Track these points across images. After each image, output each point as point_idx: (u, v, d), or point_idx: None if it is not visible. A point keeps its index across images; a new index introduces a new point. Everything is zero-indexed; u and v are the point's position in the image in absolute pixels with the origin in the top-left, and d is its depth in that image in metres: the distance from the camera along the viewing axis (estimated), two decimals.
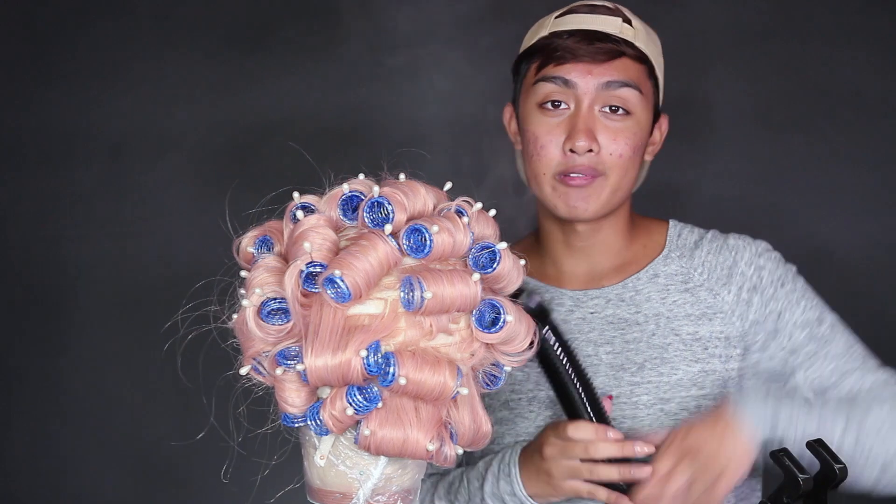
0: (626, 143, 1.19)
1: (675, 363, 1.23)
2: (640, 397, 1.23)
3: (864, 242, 2.08)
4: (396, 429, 0.79)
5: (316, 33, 2.18)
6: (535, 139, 1.21)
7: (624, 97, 1.19)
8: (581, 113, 1.19)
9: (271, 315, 0.79)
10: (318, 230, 0.81)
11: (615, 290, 1.28)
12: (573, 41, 1.19)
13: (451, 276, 0.80)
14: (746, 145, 2.12)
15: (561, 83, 1.19)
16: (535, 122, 1.21)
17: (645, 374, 1.23)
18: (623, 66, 1.19)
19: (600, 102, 1.19)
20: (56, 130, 2.19)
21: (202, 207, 2.12)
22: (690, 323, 1.24)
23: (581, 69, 1.18)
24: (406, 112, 2.17)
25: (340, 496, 0.84)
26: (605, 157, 1.19)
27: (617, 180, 1.21)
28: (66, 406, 2.19)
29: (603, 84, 1.18)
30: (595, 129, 1.18)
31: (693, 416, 1.21)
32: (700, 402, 1.22)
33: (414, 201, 0.83)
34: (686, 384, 1.22)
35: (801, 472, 0.90)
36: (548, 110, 1.20)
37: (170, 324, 0.89)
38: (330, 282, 0.78)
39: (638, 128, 1.21)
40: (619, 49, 1.19)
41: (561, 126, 1.20)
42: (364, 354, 0.77)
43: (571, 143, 1.18)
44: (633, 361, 1.24)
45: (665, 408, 1.22)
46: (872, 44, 2.08)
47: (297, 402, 0.81)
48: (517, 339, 0.84)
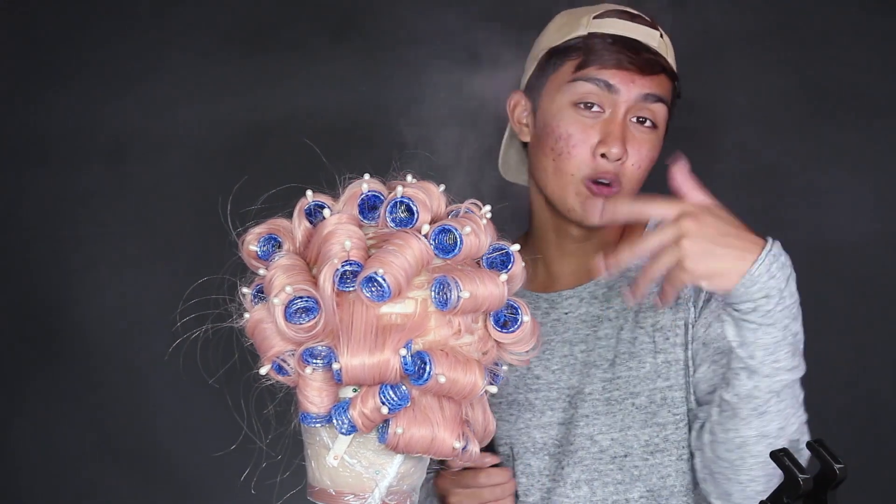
0: (648, 155, 1.22)
1: (642, 356, 1.23)
2: (611, 393, 1.24)
3: (864, 242, 2.08)
4: (425, 427, 0.80)
5: (316, 33, 2.18)
6: (569, 137, 1.20)
7: (655, 111, 1.21)
8: (617, 120, 1.19)
9: (296, 314, 0.79)
10: (347, 229, 0.81)
11: (588, 289, 1.29)
12: (618, 47, 1.20)
13: (482, 276, 0.81)
14: (747, 145, 2.12)
15: (603, 86, 1.19)
16: (568, 119, 1.21)
17: (616, 370, 1.24)
18: (661, 81, 1.21)
19: (633, 112, 1.20)
20: (56, 130, 2.19)
21: (202, 207, 2.12)
22: (653, 314, 1.25)
23: (625, 77, 1.19)
24: (406, 112, 2.17)
25: (352, 497, 0.84)
26: (628, 166, 1.20)
27: (630, 192, 1.22)
28: (67, 406, 2.19)
29: (642, 95, 1.20)
30: (627, 138, 1.19)
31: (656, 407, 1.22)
32: (665, 393, 1.22)
33: (433, 202, 0.84)
34: (652, 376, 1.23)
35: (801, 472, 0.90)
36: (582, 110, 1.21)
37: (180, 324, 0.89)
38: (370, 280, 0.78)
39: (658, 142, 1.23)
40: (660, 63, 1.21)
41: (595, 128, 1.20)
42: (403, 353, 0.78)
43: (605, 149, 1.18)
44: (604, 358, 1.25)
45: (636, 402, 1.23)
46: (872, 44, 2.07)
47: (320, 402, 0.81)
48: (529, 339, 0.85)
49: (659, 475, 1.22)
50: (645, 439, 1.23)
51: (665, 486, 1.22)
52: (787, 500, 0.91)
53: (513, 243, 0.89)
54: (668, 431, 1.22)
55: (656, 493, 1.22)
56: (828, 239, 2.08)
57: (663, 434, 1.22)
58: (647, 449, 1.23)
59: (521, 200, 1.38)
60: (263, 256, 0.87)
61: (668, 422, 1.22)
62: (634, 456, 1.23)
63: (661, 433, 1.22)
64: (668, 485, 1.22)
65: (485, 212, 0.87)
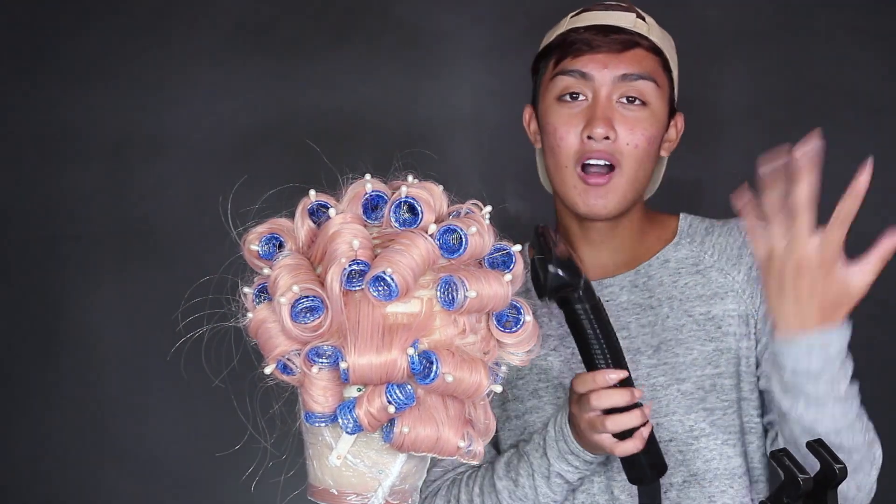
0: (643, 133, 1.22)
1: (690, 343, 1.25)
2: (656, 379, 1.25)
3: (864, 242, 2.08)
4: (430, 426, 0.80)
5: (316, 33, 2.18)
6: (555, 130, 1.23)
7: (640, 88, 1.22)
8: (599, 102, 1.21)
9: (302, 313, 0.79)
10: (353, 229, 0.81)
11: (628, 277, 1.30)
12: (588, 34, 1.22)
13: (487, 276, 0.81)
14: (747, 145, 2.12)
15: (578, 76, 1.22)
16: (554, 114, 1.24)
17: (661, 356, 1.25)
18: (638, 57, 1.22)
19: (618, 93, 1.21)
20: (56, 130, 2.19)
21: (203, 207, 2.12)
22: (703, 303, 1.26)
23: (597, 61, 1.21)
24: (406, 112, 2.17)
25: (355, 496, 0.84)
26: (622, 146, 1.21)
27: (632, 172, 1.23)
28: (67, 406, 2.19)
29: (619, 76, 1.21)
30: (613, 118, 1.21)
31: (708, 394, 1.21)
32: (715, 380, 1.24)
33: (435, 202, 0.84)
34: (701, 363, 1.24)
35: (801, 472, 0.90)
36: (566, 102, 1.23)
37: (183, 324, 0.89)
38: (378, 279, 0.78)
39: (654, 119, 1.23)
40: (634, 40, 1.22)
41: (579, 116, 1.22)
42: (411, 353, 0.78)
43: (590, 130, 1.20)
44: (648, 344, 1.26)
45: (681, 388, 1.24)
46: (873, 44, 2.08)
47: (325, 401, 0.81)
48: (530, 339, 0.86)
49: (703, 459, 1.23)
50: (690, 424, 1.24)
51: (709, 469, 1.23)
52: (788, 499, 0.91)
53: (514, 244, 0.89)
54: (715, 416, 1.24)
55: (700, 476, 1.23)
56: None
57: (710, 419, 1.24)
58: (692, 434, 1.24)
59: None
60: (265, 256, 0.87)
61: (716, 407, 1.24)
62: (679, 441, 1.24)
63: (709, 418, 1.24)
64: (713, 468, 1.24)
65: (485, 212, 0.88)
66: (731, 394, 1.24)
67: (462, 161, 2.13)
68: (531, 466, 1.22)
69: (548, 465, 1.20)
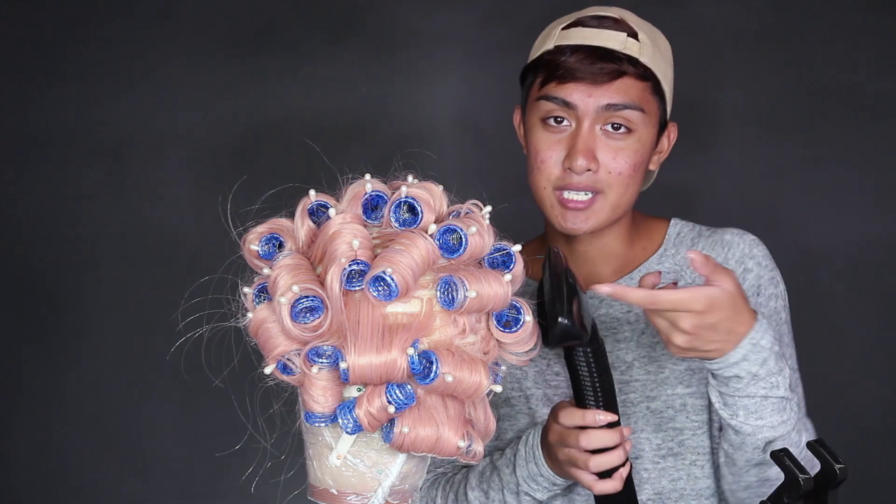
0: (626, 161, 1.19)
1: (662, 361, 1.24)
2: (628, 395, 1.24)
3: (865, 242, 2.08)
4: (430, 427, 0.80)
5: (316, 33, 2.18)
6: (537, 153, 1.21)
7: (626, 116, 1.19)
8: (581, 133, 1.18)
9: (302, 313, 0.79)
10: (354, 228, 0.81)
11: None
12: (575, 59, 1.18)
13: (487, 276, 0.81)
14: (747, 146, 2.12)
15: (561, 103, 1.19)
16: (536, 136, 1.22)
17: (633, 373, 1.24)
18: (625, 86, 1.18)
19: (601, 121, 1.19)
20: (57, 130, 2.19)
21: (203, 207, 2.12)
22: None
23: (582, 90, 1.18)
24: (406, 112, 2.18)
25: (355, 496, 0.84)
26: (604, 175, 1.19)
27: (616, 198, 1.21)
28: (67, 406, 2.19)
29: (604, 105, 1.18)
30: (595, 147, 1.18)
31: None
32: (685, 399, 1.23)
33: (435, 202, 0.84)
34: (672, 382, 1.23)
35: (801, 472, 0.90)
36: (550, 126, 1.21)
37: (183, 324, 0.89)
38: (378, 279, 0.78)
39: (639, 145, 1.20)
40: (621, 69, 1.18)
41: (561, 143, 1.20)
42: (411, 353, 0.78)
43: (570, 162, 1.18)
44: (622, 360, 1.25)
45: (651, 405, 1.23)
46: (872, 44, 2.08)
47: (325, 401, 0.81)
48: (529, 339, 0.85)
49: (669, 478, 1.23)
50: (657, 443, 1.23)
51: (675, 489, 1.23)
52: (788, 499, 0.91)
53: (514, 244, 0.89)
54: (684, 436, 1.23)
55: (665, 496, 1.23)
56: (827, 239, 2.08)
57: (679, 439, 1.23)
58: (659, 453, 1.23)
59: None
60: (265, 256, 0.87)
61: (685, 427, 1.23)
62: (644, 459, 1.23)
63: (677, 437, 1.23)
64: (679, 488, 1.23)
65: (485, 212, 0.87)
66: (702, 414, 1.23)
67: (462, 161, 2.13)
68: (501, 482, 1.22)
69: (516, 483, 1.20)
